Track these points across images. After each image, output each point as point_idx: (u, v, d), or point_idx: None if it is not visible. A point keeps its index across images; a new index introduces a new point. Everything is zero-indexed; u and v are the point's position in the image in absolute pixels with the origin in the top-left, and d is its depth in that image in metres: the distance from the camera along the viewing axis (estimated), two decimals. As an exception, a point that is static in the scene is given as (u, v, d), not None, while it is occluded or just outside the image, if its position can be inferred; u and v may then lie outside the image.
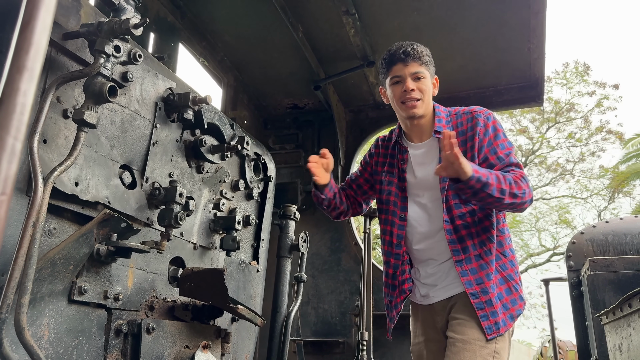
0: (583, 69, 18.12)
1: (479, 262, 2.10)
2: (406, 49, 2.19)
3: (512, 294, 2.12)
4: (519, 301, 2.13)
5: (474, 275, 2.08)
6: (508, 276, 2.13)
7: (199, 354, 2.10)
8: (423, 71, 2.19)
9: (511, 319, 2.08)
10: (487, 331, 2.02)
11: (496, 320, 2.03)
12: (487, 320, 2.03)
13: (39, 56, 0.58)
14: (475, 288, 2.06)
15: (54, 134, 1.69)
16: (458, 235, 2.13)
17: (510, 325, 2.08)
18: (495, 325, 2.03)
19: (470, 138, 2.18)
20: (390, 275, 2.32)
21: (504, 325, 2.04)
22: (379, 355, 3.72)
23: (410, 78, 2.18)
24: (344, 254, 4.42)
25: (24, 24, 0.58)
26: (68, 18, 1.74)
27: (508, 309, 2.08)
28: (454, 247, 2.13)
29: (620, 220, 3.64)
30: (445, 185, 2.16)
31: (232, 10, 3.79)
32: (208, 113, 2.40)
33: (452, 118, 2.27)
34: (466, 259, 2.11)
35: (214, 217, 2.52)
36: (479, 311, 2.04)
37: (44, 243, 1.64)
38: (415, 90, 2.18)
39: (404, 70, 2.18)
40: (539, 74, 4.08)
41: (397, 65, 2.20)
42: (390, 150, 2.42)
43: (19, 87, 0.56)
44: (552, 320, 4.92)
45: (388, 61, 2.24)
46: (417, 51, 2.19)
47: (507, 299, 2.10)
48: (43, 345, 1.62)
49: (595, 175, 18.57)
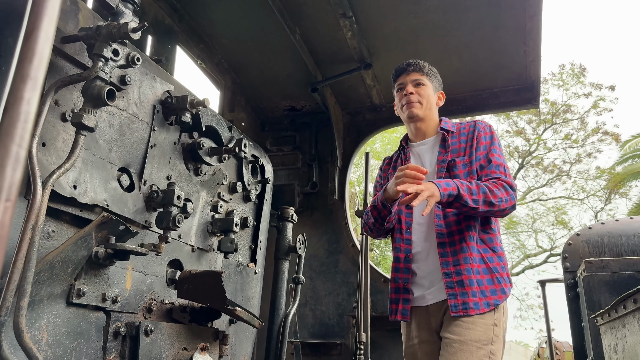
0: (579, 70, 18.19)
1: (461, 245, 2.20)
2: (409, 62, 2.49)
3: (494, 285, 2.18)
4: (499, 293, 2.18)
5: (453, 257, 2.19)
6: (493, 268, 2.21)
7: (197, 356, 2.11)
8: (423, 79, 2.45)
9: (486, 306, 2.12)
10: (451, 309, 2.11)
11: (464, 301, 2.10)
12: (454, 299, 2.12)
13: (42, 65, 0.59)
14: (451, 269, 2.18)
15: (53, 137, 1.69)
16: (446, 221, 2.27)
17: (484, 310, 2.12)
18: (463, 305, 2.10)
19: (470, 139, 2.36)
20: (403, 259, 2.36)
21: (474, 307, 2.10)
22: (376, 357, 3.73)
23: (411, 84, 2.44)
24: (341, 256, 4.43)
25: (27, 33, 0.59)
26: (67, 22, 1.75)
27: (485, 296, 2.14)
28: (440, 231, 2.26)
29: (616, 221, 3.66)
30: (441, 175, 2.31)
31: (230, 13, 3.80)
32: (206, 116, 2.41)
33: (456, 126, 2.46)
34: (449, 242, 2.23)
35: (212, 219, 2.53)
36: (448, 289, 2.14)
37: (43, 246, 1.65)
38: (414, 94, 2.41)
39: (406, 78, 2.46)
40: (534, 77, 4.10)
41: (400, 76, 2.49)
42: (395, 157, 2.63)
43: (22, 95, 0.57)
44: (549, 321, 4.93)
45: (394, 75, 2.52)
46: (419, 63, 2.47)
47: (487, 288, 2.16)
48: (42, 348, 1.63)
49: (592, 177, 18.65)
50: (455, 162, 2.31)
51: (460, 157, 2.32)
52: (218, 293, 2.08)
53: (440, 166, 2.34)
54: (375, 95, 4.50)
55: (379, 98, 4.54)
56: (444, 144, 2.39)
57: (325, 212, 4.59)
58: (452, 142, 2.37)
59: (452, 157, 2.33)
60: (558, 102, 18.23)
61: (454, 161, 2.31)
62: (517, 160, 18.82)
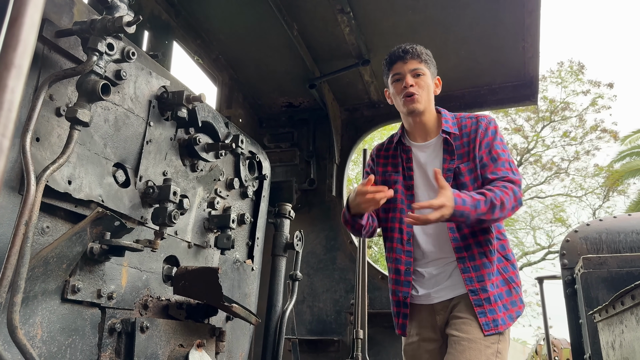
0: (578, 68, 18.22)
1: (482, 260, 2.13)
2: (405, 48, 2.28)
3: (513, 296, 2.15)
4: (518, 303, 2.16)
5: (475, 273, 2.12)
6: (509, 278, 2.17)
7: (193, 353, 2.10)
8: (422, 68, 2.27)
9: (510, 319, 2.11)
10: (484, 327, 2.05)
11: (494, 318, 2.06)
12: (484, 317, 2.06)
13: (27, 53, 0.58)
14: (476, 285, 2.10)
15: (47, 132, 1.68)
16: (461, 234, 2.17)
17: (510, 324, 2.10)
18: (494, 323, 2.06)
19: (473, 140, 2.23)
20: (403, 272, 2.28)
21: (502, 323, 2.07)
22: (373, 354, 3.73)
23: (410, 74, 2.25)
24: (339, 253, 4.43)
25: (12, 20, 0.58)
26: (61, 16, 1.73)
27: (508, 310, 2.11)
28: (457, 245, 2.17)
29: (614, 218, 3.66)
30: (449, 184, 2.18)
31: (227, 9, 3.78)
32: (202, 111, 2.40)
33: (456, 121, 2.32)
34: (469, 256, 2.14)
35: (209, 215, 2.51)
36: (477, 308, 2.07)
37: (37, 242, 1.63)
38: (414, 86, 2.24)
39: (404, 68, 2.26)
40: (533, 73, 4.09)
41: (397, 64, 2.28)
42: (392, 152, 2.44)
43: (6, 84, 0.56)
44: (547, 318, 4.94)
45: (388, 61, 2.32)
46: (416, 49, 2.29)
47: (507, 300, 2.13)
48: (36, 344, 1.62)
49: (590, 174, 18.69)
50: (460, 170, 2.20)
51: (464, 162, 2.21)
52: (214, 290, 2.07)
53: (447, 175, 2.20)
54: (373, 91, 4.48)
55: (377, 94, 4.53)
56: (448, 148, 2.26)
57: (323, 209, 4.58)
58: (455, 145, 2.25)
59: (457, 164, 2.22)
60: (556, 99, 18.25)
61: (459, 168, 2.20)
62: (516, 157, 18.83)
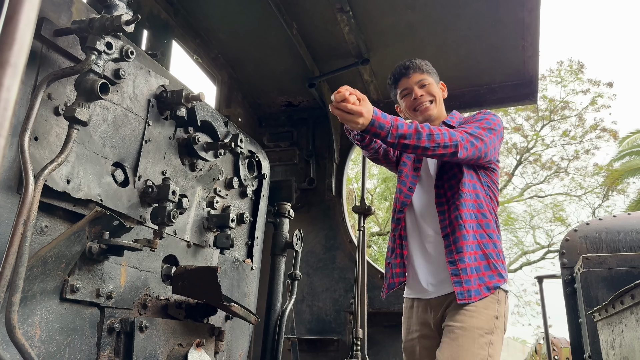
0: (577, 67, 18.21)
1: (462, 232, 2.18)
2: (405, 64, 2.41)
3: (491, 271, 2.18)
4: (497, 277, 2.18)
5: (455, 245, 2.18)
6: (489, 254, 2.21)
7: (193, 352, 2.10)
8: (426, 78, 2.40)
9: (487, 290, 2.14)
10: (458, 296, 2.11)
11: (468, 289, 2.11)
12: (460, 287, 2.12)
13: (23, 51, 0.57)
14: (454, 257, 2.16)
15: (45, 131, 1.67)
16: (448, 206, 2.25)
17: (485, 295, 2.13)
18: (467, 293, 2.11)
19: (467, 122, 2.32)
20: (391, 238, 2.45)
21: (476, 294, 2.11)
22: (373, 353, 3.73)
23: (417, 86, 2.38)
24: (338, 252, 4.42)
25: (8, 18, 0.57)
26: (59, 14, 1.72)
27: (484, 282, 2.15)
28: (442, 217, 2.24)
29: (614, 217, 3.66)
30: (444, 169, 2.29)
31: (226, 8, 3.77)
32: (201, 110, 2.39)
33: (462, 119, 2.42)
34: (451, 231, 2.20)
35: (208, 214, 2.51)
36: (453, 277, 2.14)
37: (36, 241, 1.63)
38: (424, 95, 2.38)
39: (409, 82, 2.39)
40: (533, 72, 4.09)
41: (401, 80, 2.41)
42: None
43: (2, 82, 0.55)
44: (546, 318, 4.94)
45: (393, 80, 2.46)
46: (416, 63, 2.41)
47: (485, 274, 2.17)
48: (35, 344, 1.61)
49: (590, 173, 18.68)
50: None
51: None
52: (214, 289, 2.06)
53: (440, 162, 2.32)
54: (373, 90, 4.48)
55: (376, 93, 4.53)
56: None
57: (322, 208, 4.58)
58: None
59: None
60: (556, 98, 18.24)
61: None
62: (515, 156, 18.83)
